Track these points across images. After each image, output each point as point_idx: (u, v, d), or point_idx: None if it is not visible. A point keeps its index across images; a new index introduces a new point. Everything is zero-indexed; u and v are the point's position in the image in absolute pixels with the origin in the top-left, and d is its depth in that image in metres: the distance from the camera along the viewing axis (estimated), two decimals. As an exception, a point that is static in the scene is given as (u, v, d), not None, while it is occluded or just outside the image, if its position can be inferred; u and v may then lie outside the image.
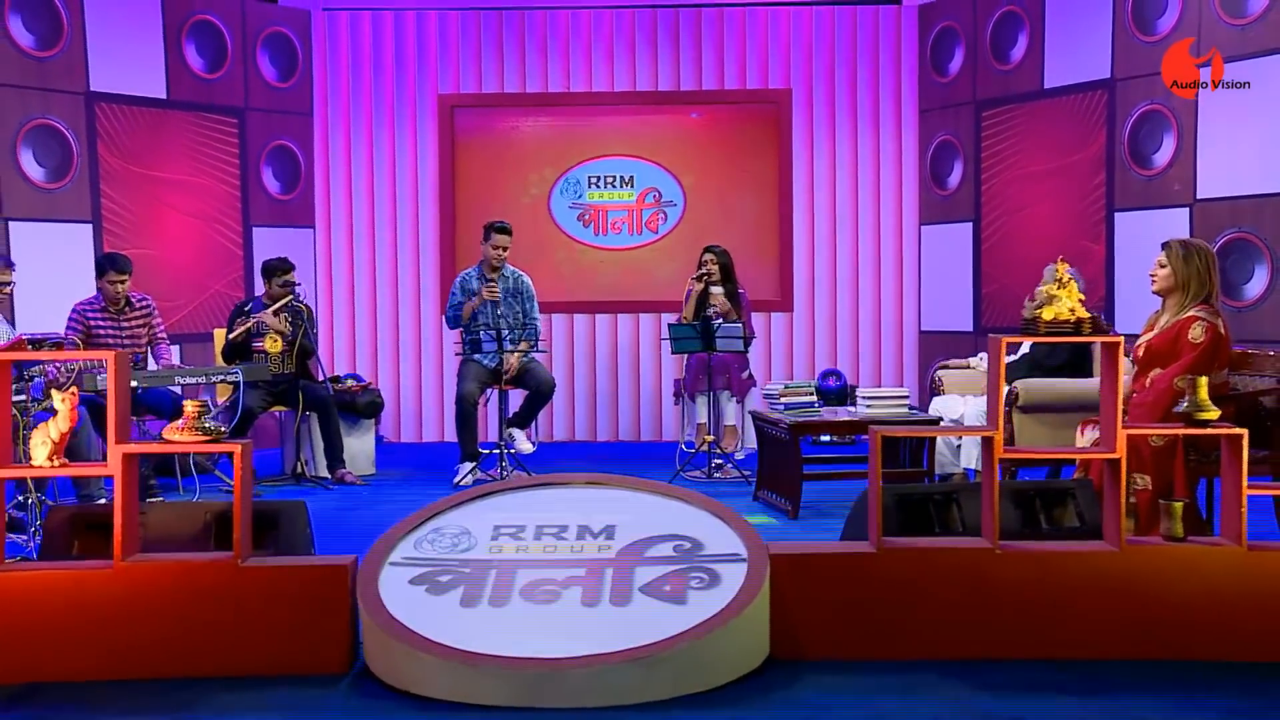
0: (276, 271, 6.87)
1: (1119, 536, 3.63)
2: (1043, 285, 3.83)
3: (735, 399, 7.44)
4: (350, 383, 7.43)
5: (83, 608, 3.45)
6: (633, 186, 8.79)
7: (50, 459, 3.59)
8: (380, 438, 8.07)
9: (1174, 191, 7.01)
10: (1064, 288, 3.75)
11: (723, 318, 7.22)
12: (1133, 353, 4.72)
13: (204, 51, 8.03)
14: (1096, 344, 5.09)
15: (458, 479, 6.68)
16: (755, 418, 6.39)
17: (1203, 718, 3.17)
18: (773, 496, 6.01)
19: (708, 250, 7.50)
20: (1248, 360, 4.91)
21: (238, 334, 6.67)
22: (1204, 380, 3.75)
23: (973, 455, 5.83)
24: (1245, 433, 3.64)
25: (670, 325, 7.03)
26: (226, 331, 6.82)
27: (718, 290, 7.43)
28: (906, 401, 5.99)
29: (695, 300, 7.38)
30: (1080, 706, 3.24)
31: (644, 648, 3.27)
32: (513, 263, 7.16)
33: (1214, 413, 3.70)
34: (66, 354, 3.88)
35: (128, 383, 3.62)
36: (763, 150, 8.75)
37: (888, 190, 8.76)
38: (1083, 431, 4.78)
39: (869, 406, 5.89)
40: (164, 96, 7.83)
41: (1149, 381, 4.53)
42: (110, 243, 7.37)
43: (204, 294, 8.04)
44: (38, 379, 5.20)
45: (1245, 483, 3.61)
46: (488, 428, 7.86)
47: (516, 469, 6.76)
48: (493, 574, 3.58)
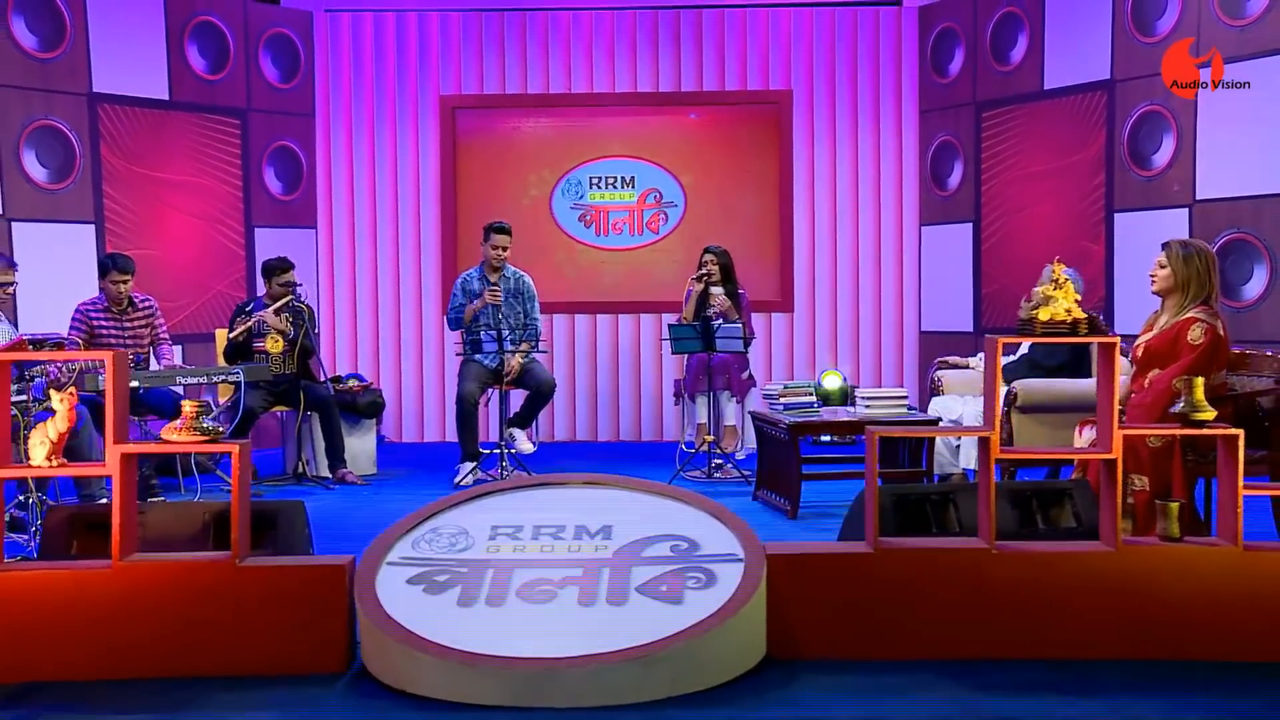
0: (276, 271, 6.88)
1: (1115, 537, 3.63)
2: (1039, 286, 3.83)
3: (735, 399, 7.45)
4: (352, 383, 7.44)
5: (81, 607, 3.46)
6: (633, 187, 8.80)
7: (49, 459, 3.60)
8: (381, 437, 8.08)
9: (1173, 192, 7.01)
10: (1060, 288, 3.76)
11: (723, 318, 7.22)
12: (1131, 353, 4.72)
13: (206, 53, 8.05)
14: (1094, 344, 5.08)
15: (458, 479, 6.68)
16: (755, 418, 6.40)
17: (1199, 717, 3.17)
18: (772, 496, 6.02)
19: (708, 251, 7.51)
20: (1245, 361, 4.90)
21: (238, 333, 6.69)
22: (1200, 381, 3.75)
23: (972, 456, 5.82)
24: (1241, 433, 3.64)
25: (670, 325, 7.03)
26: (228, 331, 6.84)
27: (718, 291, 7.43)
28: (905, 402, 6.00)
29: (695, 301, 7.38)
30: (1076, 706, 3.24)
31: (640, 647, 3.27)
32: (514, 263, 7.17)
33: (1210, 413, 3.70)
34: (66, 354, 3.89)
35: (126, 383, 3.63)
36: (763, 151, 8.76)
37: (888, 191, 8.76)
38: (1080, 432, 4.79)
39: (868, 407, 5.90)
40: (166, 97, 7.85)
41: (1147, 382, 4.52)
42: (113, 243, 7.39)
43: (206, 294, 8.05)
44: (39, 379, 5.22)
45: (1241, 483, 3.61)
46: (488, 428, 7.87)
47: (517, 469, 6.77)
48: (490, 574, 3.59)
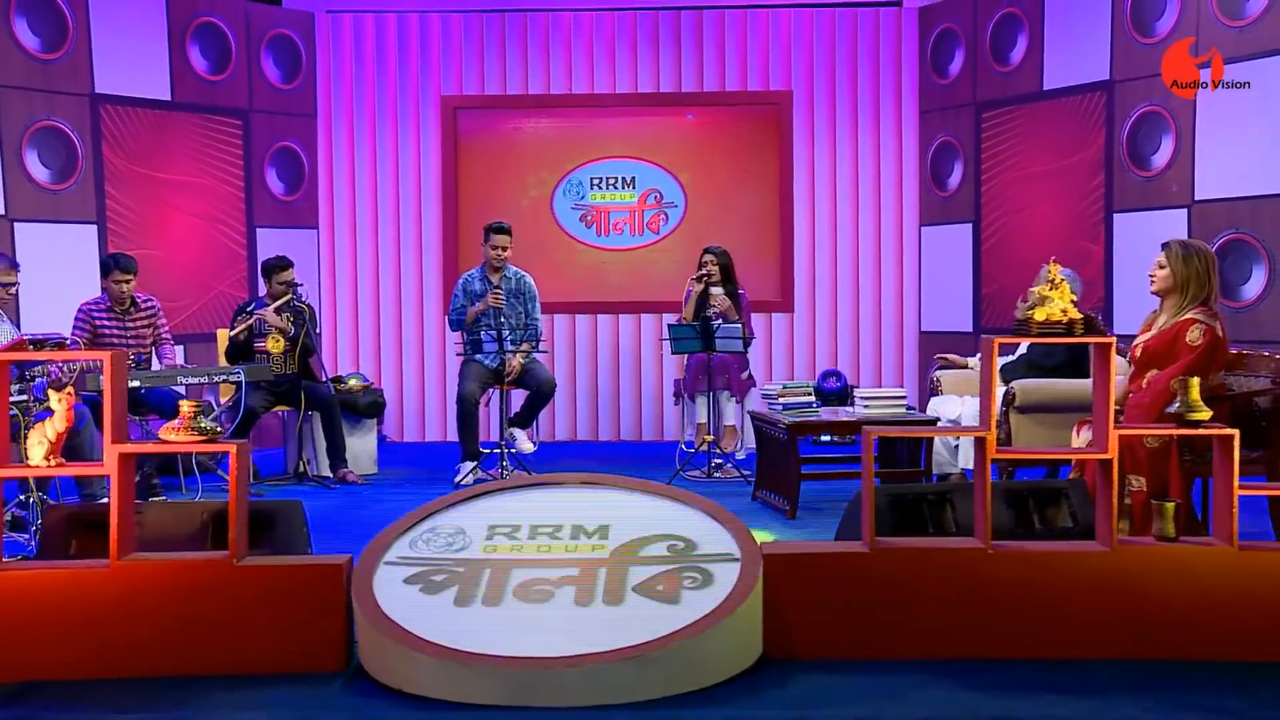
0: (276, 269, 6.90)
1: (1111, 536, 3.64)
2: (1036, 286, 3.83)
3: (735, 399, 7.45)
4: (353, 382, 7.46)
5: (79, 606, 3.47)
6: (634, 188, 8.81)
7: (47, 459, 3.62)
8: (383, 437, 8.10)
9: (1172, 193, 7.02)
10: (1056, 289, 3.76)
11: (722, 318, 7.23)
12: (1130, 353, 4.72)
13: (208, 53, 8.07)
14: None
15: (459, 478, 6.70)
16: (754, 418, 6.41)
17: (1195, 717, 3.17)
18: (771, 496, 6.03)
19: (707, 251, 7.52)
20: (1243, 361, 4.90)
21: (239, 331, 6.71)
22: (1196, 381, 3.75)
23: (970, 455, 5.82)
24: (1236, 433, 3.64)
25: (670, 326, 7.05)
26: (229, 330, 6.85)
27: (718, 291, 7.44)
28: (904, 402, 6.01)
29: (695, 301, 7.39)
30: (1072, 706, 3.24)
31: (637, 647, 3.28)
32: (515, 263, 7.18)
33: (1205, 413, 3.70)
34: (66, 354, 3.90)
35: (124, 383, 3.64)
36: (763, 151, 8.76)
37: (888, 191, 8.77)
38: (1078, 432, 4.79)
39: (866, 407, 5.91)
40: (168, 98, 7.86)
41: (1145, 382, 4.52)
42: (115, 244, 7.41)
43: (208, 294, 8.07)
44: (40, 379, 5.23)
45: (1236, 483, 3.62)
46: (489, 427, 7.88)
47: (517, 469, 6.78)
48: (487, 573, 3.60)
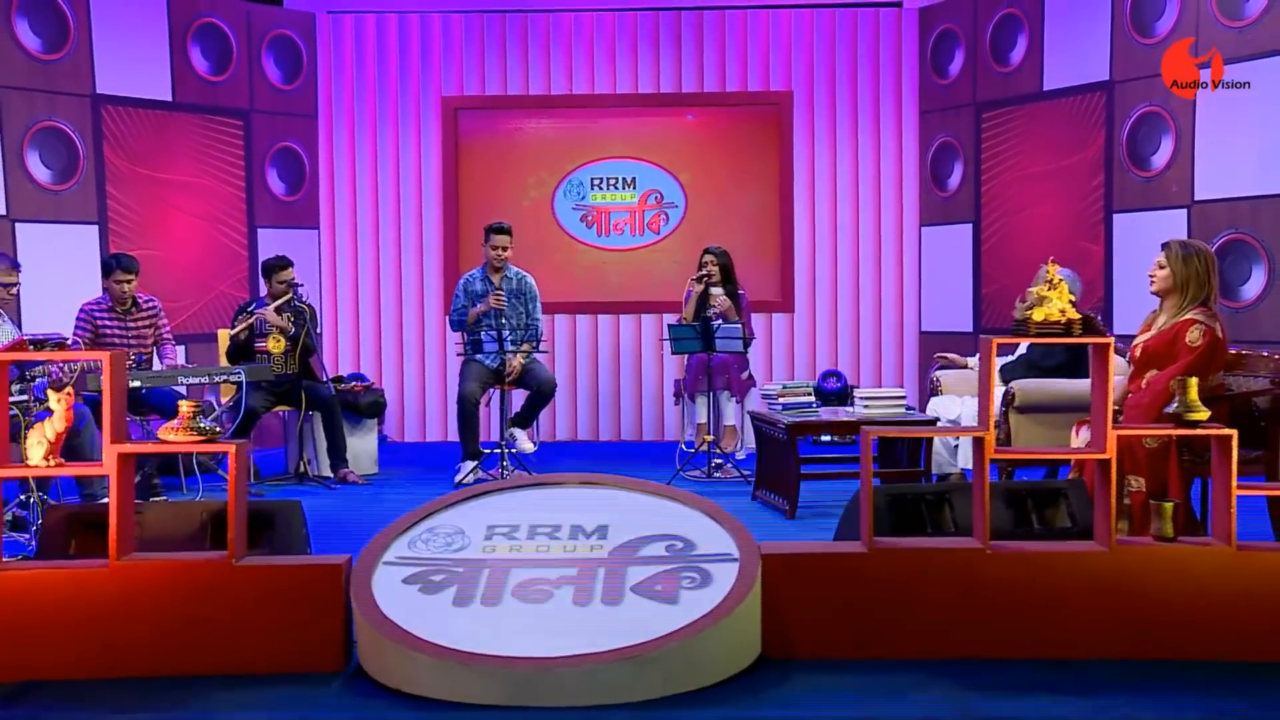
0: (275, 269, 6.91)
1: (1109, 536, 3.64)
2: (1034, 286, 3.83)
3: (735, 399, 7.46)
4: (354, 383, 7.47)
5: (78, 606, 3.48)
6: (634, 188, 8.82)
7: (46, 459, 3.62)
8: (383, 437, 8.11)
9: (1172, 193, 7.02)
10: (1054, 289, 3.77)
11: (722, 318, 7.24)
12: (1129, 353, 4.72)
13: (209, 54, 8.08)
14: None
15: (459, 478, 6.70)
16: (754, 418, 6.42)
17: (1192, 717, 3.18)
18: (771, 496, 6.04)
19: (707, 252, 7.52)
20: (1242, 361, 4.89)
21: (239, 330, 6.72)
22: (1194, 381, 3.76)
23: (970, 455, 5.83)
24: (1234, 433, 3.65)
25: (670, 326, 7.05)
26: (230, 330, 6.86)
27: (718, 291, 7.45)
28: (903, 402, 6.01)
29: (695, 301, 7.40)
30: (1070, 706, 3.25)
31: (635, 647, 3.28)
32: (515, 263, 7.19)
33: (1204, 413, 3.70)
34: (65, 354, 3.90)
35: (123, 383, 3.65)
36: (763, 152, 8.77)
37: (888, 191, 8.77)
38: (1077, 432, 4.79)
39: (866, 407, 5.91)
40: (169, 99, 7.87)
41: (1145, 383, 4.51)
42: (116, 244, 7.42)
43: (209, 295, 8.08)
44: (40, 379, 5.24)
45: (1235, 482, 3.62)
46: (490, 427, 7.89)
47: (518, 469, 6.79)
48: (485, 573, 3.60)
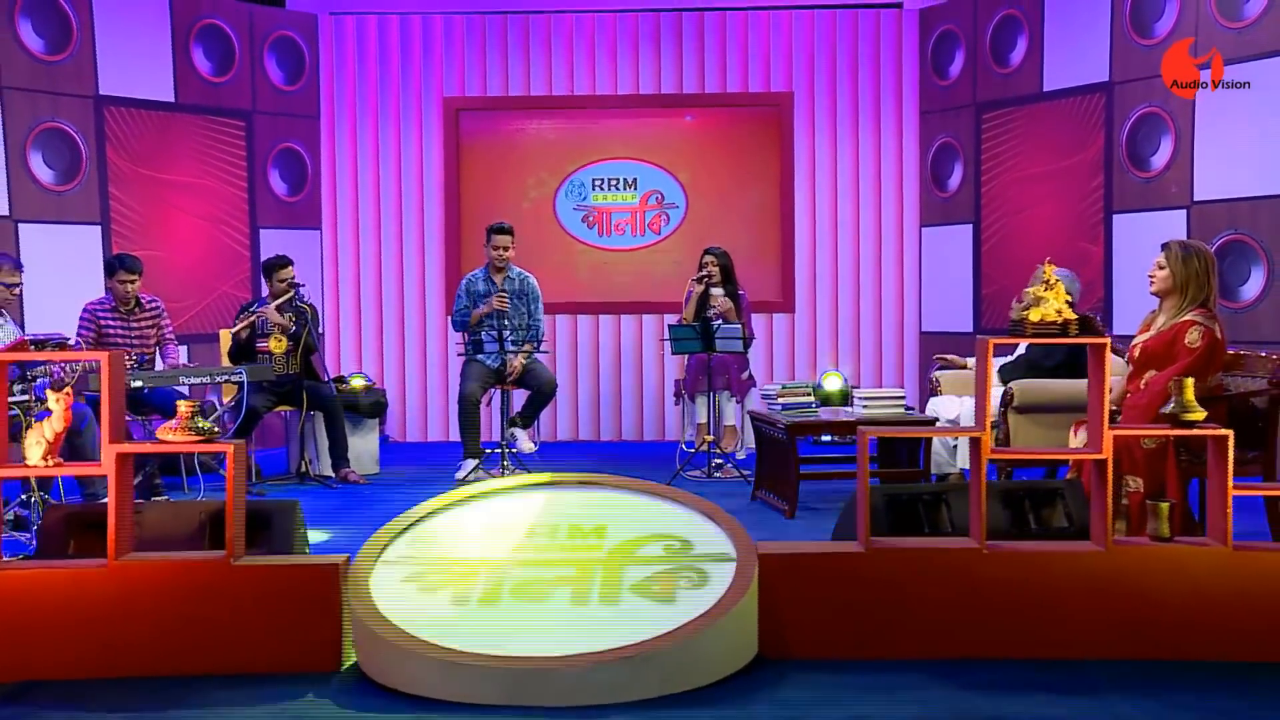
0: (276, 268, 6.93)
1: (1106, 536, 3.64)
2: (1030, 287, 3.84)
3: (735, 399, 7.47)
4: (355, 382, 7.48)
5: (77, 606, 3.49)
6: (635, 189, 8.83)
7: (45, 458, 3.63)
8: (385, 437, 8.12)
9: (1171, 194, 7.02)
10: (1051, 289, 3.77)
11: (723, 319, 7.25)
12: (1128, 353, 4.72)
13: (211, 55, 8.10)
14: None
15: (460, 475, 6.71)
16: (754, 418, 6.43)
17: (1189, 717, 3.17)
18: (771, 496, 6.05)
19: (708, 252, 7.53)
20: (1240, 361, 4.89)
21: (240, 328, 6.73)
22: (1190, 381, 3.76)
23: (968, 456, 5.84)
24: (1230, 433, 3.65)
25: (670, 326, 7.06)
26: (231, 329, 6.88)
27: (718, 292, 7.46)
28: (902, 402, 6.01)
29: (695, 301, 7.41)
30: (1067, 705, 3.25)
31: (632, 646, 3.28)
32: (516, 264, 7.20)
33: (1200, 413, 3.71)
34: (66, 354, 3.92)
35: (123, 383, 3.66)
36: (764, 152, 8.77)
37: (888, 192, 8.78)
38: (1075, 432, 4.78)
39: (865, 407, 5.92)
40: (172, 100, 7.89)
41: (1143, 383, 4.51)
42: (119, 244, 7.44)
43: (211, 295, 8.10)
44: (42, 379, 5.26)
45: (1231, 483, 3.62)
46: (490, 427, 7.90)
47: (518, 469, 6.80)
48: (483, 573, 3.61)
